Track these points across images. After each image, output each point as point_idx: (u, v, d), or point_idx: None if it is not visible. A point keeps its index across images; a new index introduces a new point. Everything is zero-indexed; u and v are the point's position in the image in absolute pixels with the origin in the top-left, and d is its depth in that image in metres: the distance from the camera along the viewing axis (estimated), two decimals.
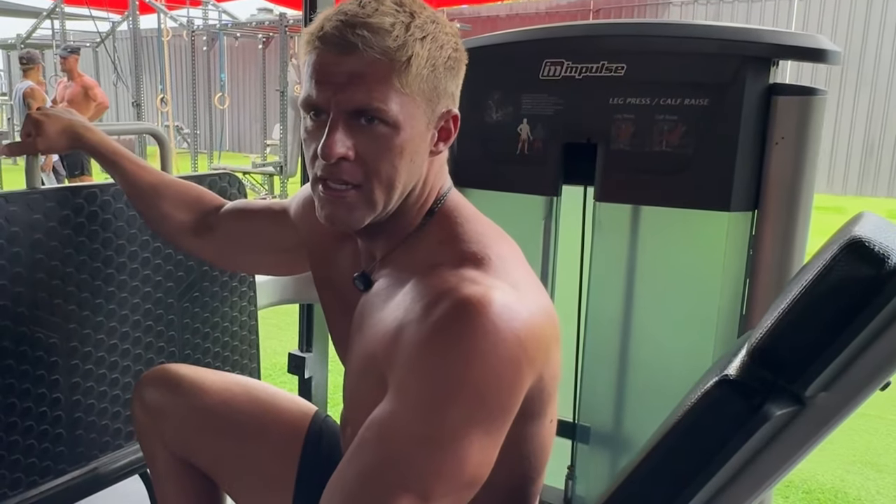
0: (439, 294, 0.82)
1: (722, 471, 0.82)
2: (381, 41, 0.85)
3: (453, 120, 0.95)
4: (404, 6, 0.89)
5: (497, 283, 0.83)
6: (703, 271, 1.46)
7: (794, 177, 1.34)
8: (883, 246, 0.75)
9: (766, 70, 1.33)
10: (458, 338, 0.78)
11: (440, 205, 0.97)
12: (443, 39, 0.91)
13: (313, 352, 2.25)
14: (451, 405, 0.77)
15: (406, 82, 0.87)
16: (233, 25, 12.96)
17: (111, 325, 1.50)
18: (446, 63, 0.91)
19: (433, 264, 0.88)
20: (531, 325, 0.82)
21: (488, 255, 0.88)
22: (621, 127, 1.42)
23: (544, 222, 1.60)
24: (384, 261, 0.99)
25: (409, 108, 0.88)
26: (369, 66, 0.85)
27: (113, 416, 1.54)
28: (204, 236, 1.35)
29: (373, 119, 0.87)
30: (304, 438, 1.28)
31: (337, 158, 0.87)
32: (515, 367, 0.80)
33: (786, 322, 0.79)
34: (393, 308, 0.89)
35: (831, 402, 0.80)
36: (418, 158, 0.92)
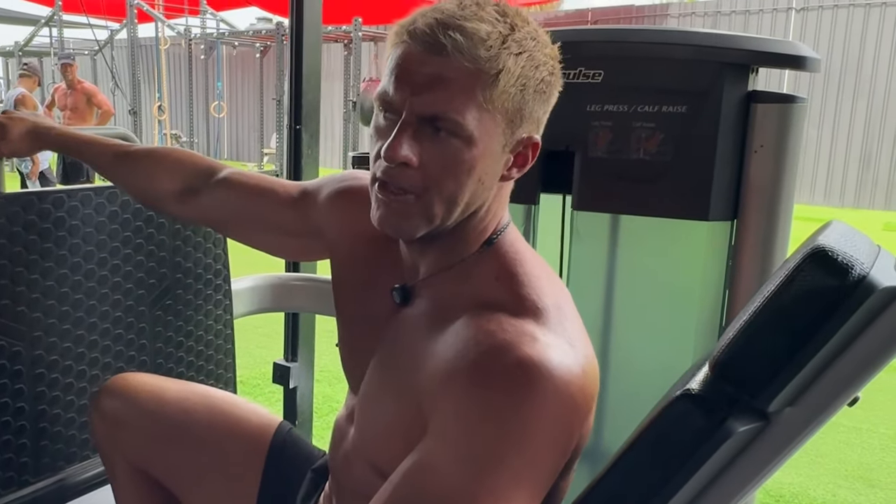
0: (498, 347, 0.77)
1: (684, 489, 0.79)
2: (472, 48, 0.79)
3: (533, 147, 0.89)
4: (507, 17, 0.83)
5: (556, 342, 0.79)
6: (683, 281, 1.44)
7: (773, 185, 1.31)
8: (847, 255, 0.72)
9: (744, 77, 1.31)
10: (516, 399, 0.74)
11: (499, 236, 0.91)
12: (539, 60, 0.84)
13: (298, 361, 2.22)
14: (501, 467, 0.74)
15: (490, 97, 0.81)
16: (230, 34, 13.00)
17: (79, 334, 1.47)
18: (538, 86, 0.85)
19: (489, 304, 0.83)
20: (584, 386, 0.79)
21: (547, 306, 0.83)
22: (599, 134, 1.39)
23: (522, 231, 1.57)
24: (430, 280, 0.93)
25: (487, 126, 0.82)
26: (454, 72, 0.79)
27: (80, 426, 1.50)
28: (186, 202, 1.25)
29: (445, 130, 0.81)
30: (268, 450, 1.25)
31: (399, 163, 0.82)
32: (567, 431, 0.78)
33: (747, 334, 0.76)
34: (444, 345, 0.83)
35: (797, 417, 0.77)
36: (487, 180, 0.85)
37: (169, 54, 13.91)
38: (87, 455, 1.52)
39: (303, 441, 1.29)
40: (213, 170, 1.26)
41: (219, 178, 1.25)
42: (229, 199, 1.23)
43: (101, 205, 1.48)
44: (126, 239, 1.53)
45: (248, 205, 1.22)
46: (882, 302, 0.73)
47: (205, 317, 1.73)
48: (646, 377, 1.50)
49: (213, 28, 13.17)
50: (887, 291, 0.72)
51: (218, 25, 13.21)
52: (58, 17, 11.82)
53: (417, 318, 0.91)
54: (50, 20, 12.14)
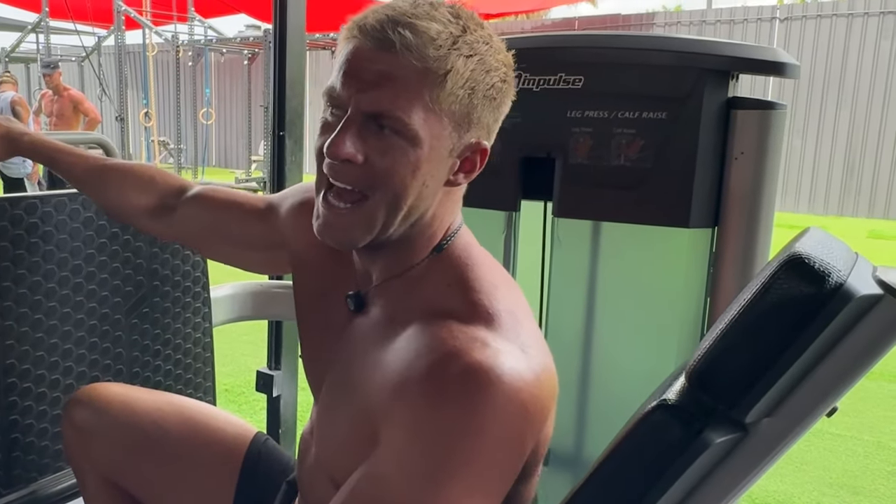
0: (448, 354, 0.75)
1: (662, 501, 0.78)
2: (421, 46, 0.78)
3: (481, 153, 0.86)
4: (460, 18, 0.81)
5: (507, 347, 0.77)
6: (664, 288, 1.43)
7: (754, 192, 1.30)
8: (824, 263, 0.71)
9: (724, 83, 1.30)
10: (465, 407, 0.73)
11: (449, 241, 0.89)
12: (491, 64, 0.82)
13: (282, 370, 2.19)
14: (451, 477, 0.72)
15: (437, 98, 0.79)
16: (218, 41, 12.98)
17: (52, 342, 1.44)
18: (488, 91, 0.83)
19: (440, 311, 0.81)
20: (537, 392, 0.77)
21: (499, 311, 0.81)
22: (579, 140, 1.38)
23: (504, 238, 1.56)
24: (383, 287, 0.91)
25: (433, 127, 0.80)
26: (402, 69, 0.78)
27: (53, 437, 1.47)
28: (162, 218, 1.26)
29: (390, 128, 0.79)
30: (242, 461, 1.23)
31: (343, 159, 0.80)
32: (520, 438, 0.76)
33: (723, 344, 0.74)
34: (394, 354, 0.82)
35: (775, 428, 0.76)
36: (432, 184, 0.83)
37: (157, 61, 13.86)
38: (60, 466, 1.50)
39: (279, 452, 1.27)
40: (185, 187, 1.27)
41: (191, 194, 1.25)
42: (200, 214, 1.23)
43: (75, 211, 1.45)
44: (101, 245, 1.51)
45: (217, 218, 1.22)
46: (860, 310, 0.72)
47: (183, 325, 1.71)
48: (627, 384, 1.49)
49: (201, 35, 13.14)
50: (865, 299, 0.71)
51: (206, 32, 13.18)
52: (45, 24, 11.75)
53: (370, 326, 0.90)
54: (37, 26, 12.07)
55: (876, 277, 0.74)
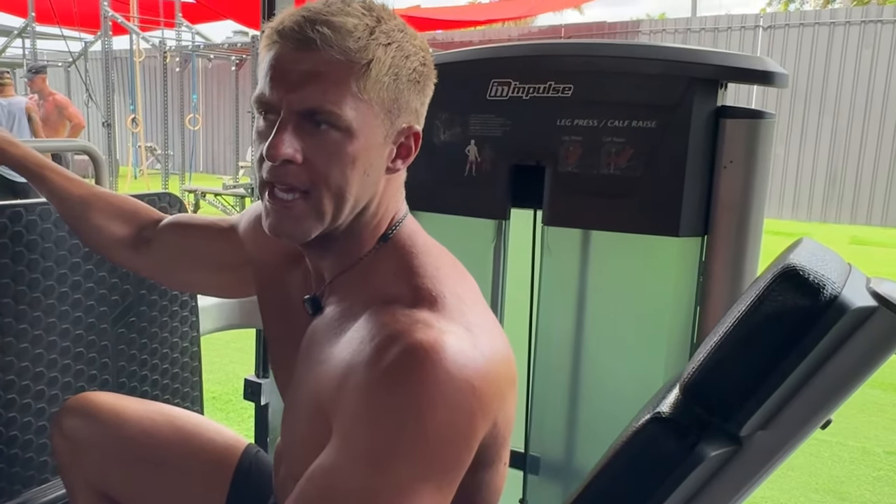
0: (390, 337, 0.76)
1: None
2: (341, 40, 0.80)
3: (414, 137, 0.89)
4: (372, 11, 0.84)
5: (451, 327, 0.78)
6: (654, 297, 1.42)
7: (743, 201, 1.30)
8: (818, 275, 0.70)
9: (713, 92, 1.30)
10: (409, 387, 0.73)
11: (395, 230, 0.90)
12: (409, 50, 0.86)
13: (270, 377, 2.17)
14: (400, 460, 0.72)
15: (364, 87, 0.81)
16: (205, 47, 12.91)
17: (37, 352, 1.42)
18: (411, 75, 0.86)
19: (386, 299, 0.82)
20: (485, 372, 0.77)
21: (443, 294, 0.82)
22: (569, 149, 1.38)
23: (493, 246, 1.55)
24: (334, 284, 0.92)
25: (365, 116, 0.82)
26: (326, 65, 0.80)
27: (39, 448, 1.45)
28: (140, 250, 1.27)
29: (325, 123, 0.81)
30: (234, 472, 1.21)
31: (282, 160, 0.81)
32: (469, 418, 0.75)
33: (718, 356, 0.74)
34: (342, 346, 0.82)
35: (769, 441, 0.75)
36: (373, 172, 0.85)
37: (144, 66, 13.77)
38: (45, 478, 1.47)
39: (269, 464, 1.26)
40: (160, 218, 1.31)
41: (165, 222, 1.29)
42: (174, 240, 1.26)
43: (60, 219, 1.43)
44: (87, 254, 1.49)
45: (187, 242, 1.25)
46: (855, 322, 0.71)
47: (170, 334, 1.69)
48: (617, 393, 1.49)
49: (188, 41, 13.07)
50: (860, 311, 0.71)
51: (193, 38, 13.11)
52: (31, 28, 11.65)
53: (325, 326, 0.90)
54: (23, 31, 11.96)
55: (870, 289, 0.74)
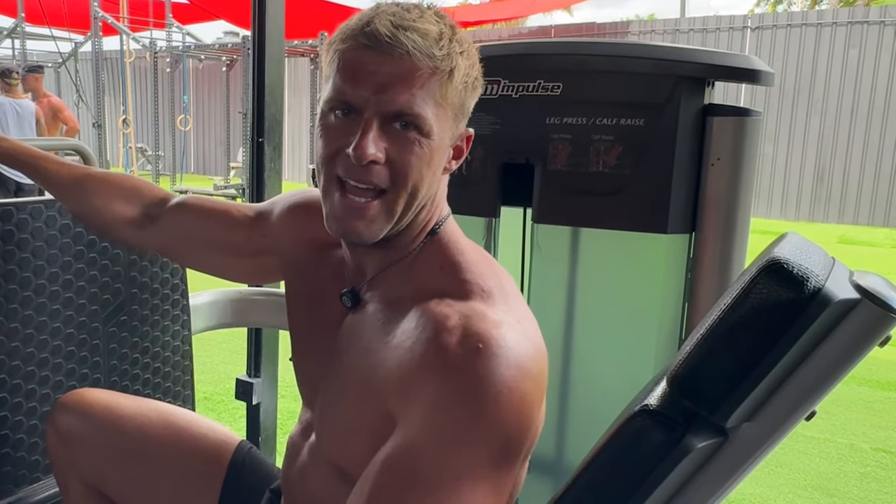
0: (450, 329, 0.79)
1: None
2: (429, 47, 0.83)
3: (467, 140, 0.93)
4: (444, 18, 0.86)
5: (505, 319, 0.81)
6: (643, 294, 1.44)
7: (730, 198, 1.32)
8: (802, 268, 0.71)
9: (701, 90, 1.31)
10: (479, 375, 0.75)
11: (440, 227, 0.93)
12: (474, 58, 0.89)
13: (262, 377, 2.17)
14: (475, 442, 0.75)
15: (444, 94, 0.84)
16: (196, 48, 12.89)
17: (28, 351, 1.42)
18: (474, 82, 0.89)
19: (437, 292, 0.85)
20: (538, 361, 0.81)
21: (490, 287, 0.85)
22: (558, 147, 1.39)
23: (483, 244, 1.56)
24: (376, 279, 0.94)
25: (442, 121, 0.85)
26: (415, 70, 0.82)
27: (30, 447, 1.45)
28: (146, 228, 1.26)
29: (409, 125, 0.83)
30: (227, 468, 1.22)
31: (369, 161, 0.83)
32: (531, 405, 0.78)
33: (704, 349, 0.75)
34: (398, 336, 0.84)
35: (755, 433, 0.77)
36: (439, 172, 0.89)
37: (134, 67, 13.74)
38: (37, 477, 1.47)
39: (262, 460, 1.26)
40: (168, 197, 1.28)
41: (174, 202, 1.26)
42: (185, 223, 1.24)
43: (51, 218, 1.43)
44: (78, 253, 1.49)
45: (203, 226, 1.22)
46: (838, 314, 0.73)
47: (161, 333, 1.69)
48: (607, 390, 1.50)
49: (179, 41, 13.04)
50: (843, 303, 0.72)
51: (184, 39, 13.09)
52: (21, 29, 11.60)
53: (369, 318, 0.92)
54: (13, 31, 11.90)
55: (853, 282, 0.75)
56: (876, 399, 3.89)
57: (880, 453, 3.25)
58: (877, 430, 3.51)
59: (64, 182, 1.28)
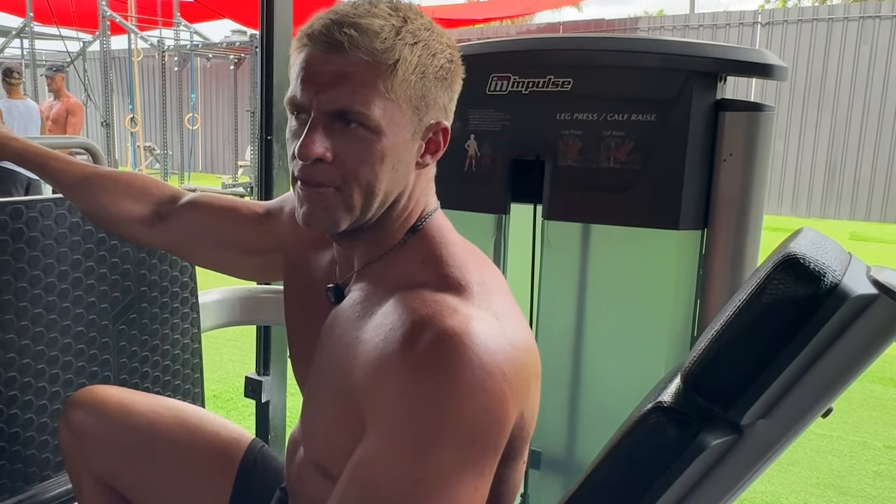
0: (419, 322, 0.78)
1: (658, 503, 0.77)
2: (367, 42, 0.82)
3: (443, 133, 0.91)
4: (399, 11, 0.86)
5: (478, 314, 0.79)
6: (654, 291, 1.43)
7: (743, 194, 1.30)
8: (819, 263, 0.70)
9: (712, 85, 1.30)
10: (443, 374, 0.74)
11: (424, 223, 0.92)
12: (436, 48, 0.87)
13: (271, 375, 2.17)
14: (441, 446, 0.73)
15: (391, 87, 0.83)
16: (204, 46, 12.91)
17: (38, 349, 1.42)
18: (438, 73, 0.87)
19: (413, 284, 0.84)
20: (513, 358, 0.78)
21: (470, 282, 0.84)
22: (568, 143, 1.38)
23: (493, 241, 1.55)
24: (361, 273, 0.94)
25: (393, 114, 0.84)
26: (354, 66, 0.82)
27: (40, 445, 1.46)
28: (155, 226, 1.26)
29: (354, 122, 0.83)
30: (238, 467, 1.22)
31: (313, 159, 0.84)
32: (502, 402, 0.76)
33: (719, 345, 0.74)
34: (370, 331, 0.84)
35: (770, 430, 0.76)
36: (402, 167, 0.87)
37: (142, 66, 13.78)
38: (47, 475, 1.48)
39: (274, 458, 1.26)
40: (178, 194, 1.29)
41: (184, 201, 1.27)
42: (196, 221, 1.24)
43: (61, 216, 1.44)
44: (88, 251, 1.49)
45: (213, 223, 1.23)
46: (855, 309, 0.72)
47: (171, 330, 1.69)
48: (618, 386, 1.49)
49: (186, 40, 13.07)
50: (861, 299, 0.71)
51: (192, 37, 13.11)
52: (29, 29, 11.64)
53: (349, 312, 0.91)
54: (21, 31, 11.95)
55: (870, 277, 0.74)
56: (889, 397, 3.86)
57: (893, 451, 3.22)
58: (890, 427, 3.49)
59: (73, 181, 1.28)
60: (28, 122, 6.33)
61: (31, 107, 6.54)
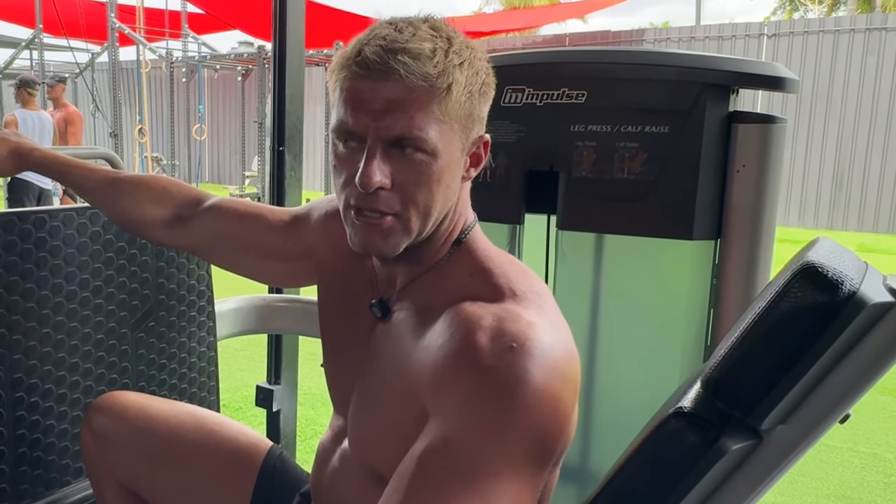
0: (485, 328, 0.79)
1: None
2: (422, 67, 0.82)
3: (484, 145, 0.92)
4: (440, 31, 0.86)
5: (538, 321, 0.81)
6: (668, 300, 1.44)
7: (755, 204, 1.32)
8: (837, 271, 0.72)
9: (725, 97, 1.32)
10: (513, 374, 0.76)
11: (467, 235, 0.94)
12: (478, 65, 0.88)
13: (282, 384, 2.19)
14: (508, 441, 0.75)
15: (445, 109, 0.84)
16: (212, 57, 13.00)
17: (59, 356, 1.45)
18: (481, 89, 0.89)
19: (468, 296, 0.86)
20: (571, 364, 0.81)
21: (523, 291, 0.86)
22: (583, 154, 1.40)
23: (507, 251, 1.56)
24: (406, 289, 0.95)
25: (446, 136, 0.85)
26: (410, 92, 0.82)
27: (61, 451, 1.47)
28: (176, 228, 1.27)
29: (410, 147, 0.84)
30: (258, 473, 1.23)
31: (376, 188, 0.84)
32: (565, 407, 0.78)
33: (738, 352, 0.76)
34: (430, 341, 0.85)
35: (789, 435, 0.77)
36: (454, 184, 0.89)
37: (150, 77, 13.87)
38: (67, 481, 1.49)
39: (292, 464, 1.28)
40: (202, 197, 1.29)
41: (208, 204, 1.27)
42: (218, 225, 1.25)
43: (83, 225, 1.46)
44: (108, 260, 1.51)
45: (237, 229, 1.23)
46: (873, 317, 0.73)
47: (188, 339, 1.71)
48: (632, 396, 1.50)
49: (194, 51, 13.16)
50: (878, 307, 0.73)
51: (199, 49, 13.21)
52: (39, 40, 11.74)
53: (400, 326, 0.93)
54: (31, 43, 12.06)
55: (887, 286, 0.76)
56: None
57: None
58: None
59: (95, 187, 1.30)
60: (42, 133, 6.39)
61: (45, 118, 6.61)
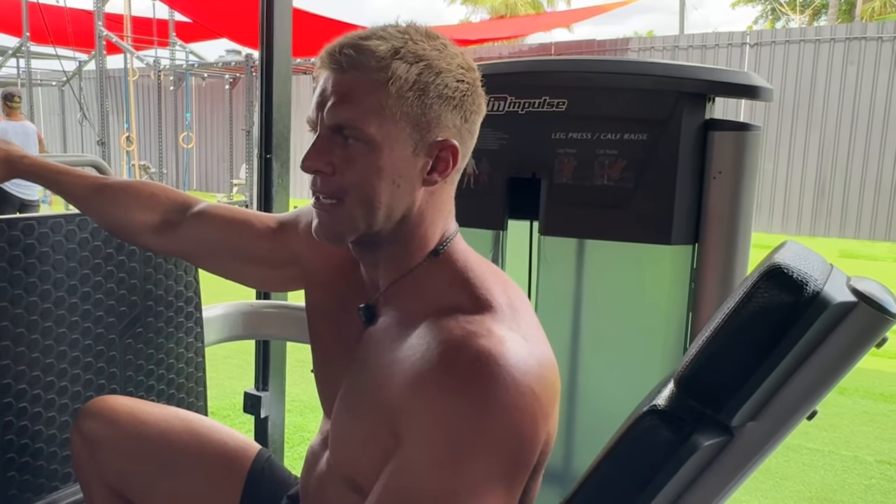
0: (456, 343, 0.81)
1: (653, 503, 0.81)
2: (364, 61, 0.86)
3: (451, 151, 0.91)
4: (407, 33, 0.89)
5: (510, 335, 0.83)
6: (648, 304, 1.47)
7: (732, 210, 1.35)
8: (802, 272, 0.75)
9: (702, 106, 1.36)
10: (479, 393, 0.77)
11: (446, 246, 0.94)
12: (441, 67, 0.88)
13: (269, 390, 2.20)
14: (476, 459, 0.76)
15: (387, 103, 0.86)
16: (199, 66, 13.00)
17: (48, 362, 1.46)
18: (442, 91, 0.88)
19: (446, 308, 0.87)
20: (542, 377, 0.82)
21: (500, 304, 0.87)
22: (564, 161, 1.43)
23: (491, 256, 1.60)
24: (388, 293, 0.96)
25: (389, 130, 0.87)
26: (353, 84, 0.87)
27: (49, 456, 1.48)
28: (165, 234, 1.28)
29: (351, 137, 0.87)
30: (246, 476, 1.25)
31: (314, 171, 0.89)
32: (533, 421, 0.80)
33: (709, 351, 0.79)
34: (407, 351, 0.86)
35: (759, 431, 0.80)
36: (404, 184, 0.89)
37: (138, 85, 13.84)
38: (56, 486, 1.50)
39: (280, 468, 1.29)
40: (190, 203, 1.30)
41: (196, 210, 1.28)
42: (206, 231, 1.26)
43: (71, 231, 1.47)
44: (96, 266, 1.53)
45: (225, 236, 1.25)
46: (836, 316, 0.76)
47: (176, 345, 1.72)
48: (613, 398, 1.53)
49: (182, 60, 13.16)
50: (840, 306, 0.76)
51: (187, 57, 13.21)
52: (26, 48, 11.70)
53: (382, 333, 0.94)
54: (18, 51, 12.01)
55: (850, 286, 0.79)
56: (880, 411, 3.91)
57: (885, 465, 3.26)
58: (881, 442, 3.53)
59: (84, 193, 1.31)
60: (27, 142, 6.38)
61: (29, 128, 6.60)
